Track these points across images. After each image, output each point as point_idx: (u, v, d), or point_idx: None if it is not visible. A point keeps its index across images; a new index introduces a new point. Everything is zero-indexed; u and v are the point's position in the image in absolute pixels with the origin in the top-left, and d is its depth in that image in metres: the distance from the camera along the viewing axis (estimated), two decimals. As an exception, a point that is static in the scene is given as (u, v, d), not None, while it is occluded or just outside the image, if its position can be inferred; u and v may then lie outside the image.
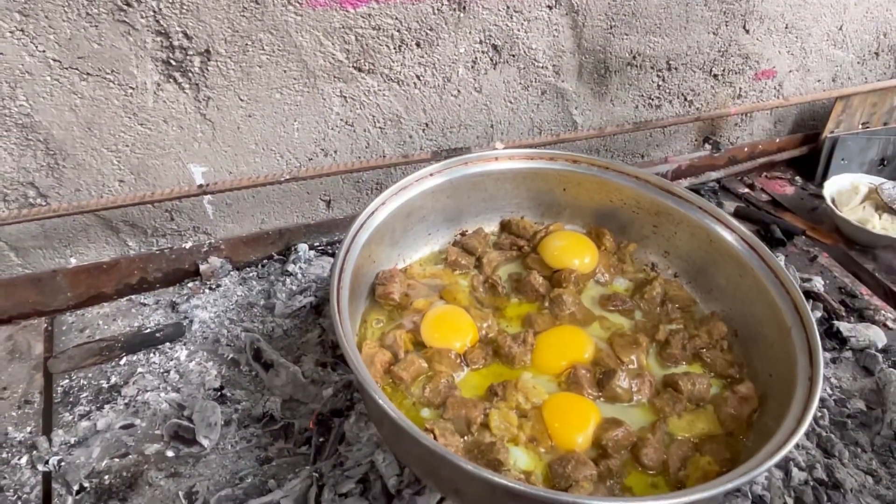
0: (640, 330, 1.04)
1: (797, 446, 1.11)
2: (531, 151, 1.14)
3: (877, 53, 1.86)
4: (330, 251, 1.44)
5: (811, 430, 1.15)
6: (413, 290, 1.06)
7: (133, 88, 1.15)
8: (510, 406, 0.90)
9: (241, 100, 1.24)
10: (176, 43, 1.13)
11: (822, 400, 1.21)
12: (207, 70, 1.18)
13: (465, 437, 0.86)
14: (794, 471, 1.06)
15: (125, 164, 1.22)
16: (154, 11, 1.09)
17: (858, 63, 1.85)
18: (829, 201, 1.63)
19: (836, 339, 1.33)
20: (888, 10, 1.77)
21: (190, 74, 1.17)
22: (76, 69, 1.10)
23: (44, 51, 1.06)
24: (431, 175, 1.01)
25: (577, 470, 0.81)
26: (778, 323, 0.92)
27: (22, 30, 1.03)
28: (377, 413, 0.79)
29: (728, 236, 1.03)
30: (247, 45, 1.18)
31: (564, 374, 0.96)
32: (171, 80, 1.17)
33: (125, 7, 1.07)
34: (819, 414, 1.17)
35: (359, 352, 0.83)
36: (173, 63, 1.15)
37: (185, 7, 1.10)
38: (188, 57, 1.15)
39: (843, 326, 1.34)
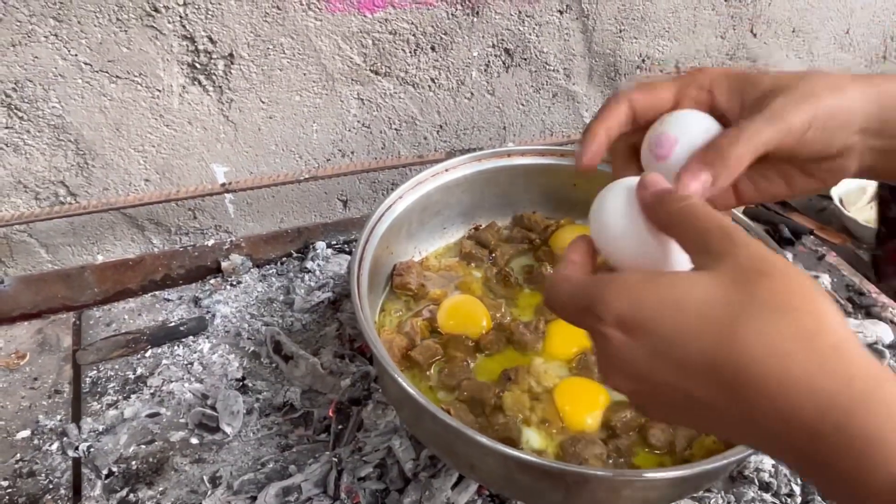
0: (648, 319, 1.07)
1: (804, 436, 1.13)
2: (543, 148, 1.17)
3: (884, 57, 1.88)
4: (347, 249, 1.48)
5: (818, 422, 1.17)
6: (429, 281, 1.10)
7: (160, 91, 1.20)
8: (522, 389, 0.93)
9: (263, 102, 1.28)
10: (201, 47, 1.18)
11: (829, 393, 1.23)
12: (231, 73, 1.22)
13: (479, 419, 0.89)
14: (801, 459, 1.08)
15: (151, 164, 1.27)
16: (181, 17, 1.13)
17: (865, 66, 1.88)
18: (836, 201, 1.65)
19: (843, 335, 1.35)
20: (895, 13, 1.79)
21: (214, 77, 1.22)
22: (106, 72, 1.15)
23: (76, 54, 1.11)
24: (447, 170, 1.05)
25: (586, 449, 0.84)
26: (783, 311, 0.95)
27: (56, 34, 1.08)
28: (396, 393, 0.82)
29: (734, 229, 1.06)
30: (268, 49, 1.22)
31: (575, 359, 0.99)
32: (195, 82, 1.21)
33: (153, 13, 1.12)
34: (826, 406, 1.20)
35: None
36: (198, 66, 1.20)
37: (210, 13, 1.15)
38: (212, 60, 1.20)
39: (851, 322, 1.36)
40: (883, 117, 0.61)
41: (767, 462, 1.06)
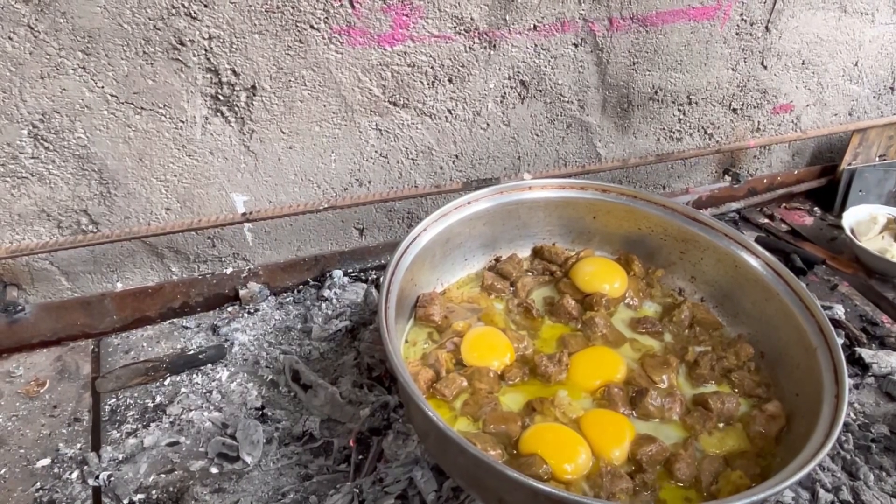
0: (669, 351, 1.07)
1: (823, 468, 1.13)
2: (562, 181, 1.18)
3: (892, 88, 1.90)
4: (363, 277, 1.49)
5: (836, 454, 1.17)
6: (452, 312, 1.10)
7: (183, 122, 1.21)
8: (548, 420, 0.93)
9: (283, 133, 1.30)
10: (224, 79, 1.19)
11: (846, 424, 1.23)
12: (253, 105, 1.24)
13: (507, 449, 0.90)
14: (821, 492, 1.08)
15: (172, 193, 1.28)
16: (206, 50, 1.15)
17: (874, 97, 1.90)
18: (848, 231, 1.66)
19: (858, 366, 1.36)
20: (902, 46, 1.82)
21: (236, 109, 1.23)
22: (131, 104, 1.16)
23: (102, 87, 1.13)
24: (469, 203, 1.06)
25: (613, 483, 0.84)
26: (804, 344, 0.96)
27: (84, 67, 1.10)
28: (424, 425, 0.83)
29: (753, 262, 1.07)
30: (290, 81, 1.24)
31: (598, 391, 0.99)
32: (218, 114, 1.23)
33: (179, 46, 1.13)
34: (844, 438, 1.20)
35: (403, 369, 0.87)
36: (221, 98, 1.21)
37: (234, 46, 1.17)
38: (235, 92, 1.21)
39: (865, 353, 1.37)
40: None
41: (788, 492, 1.06)
